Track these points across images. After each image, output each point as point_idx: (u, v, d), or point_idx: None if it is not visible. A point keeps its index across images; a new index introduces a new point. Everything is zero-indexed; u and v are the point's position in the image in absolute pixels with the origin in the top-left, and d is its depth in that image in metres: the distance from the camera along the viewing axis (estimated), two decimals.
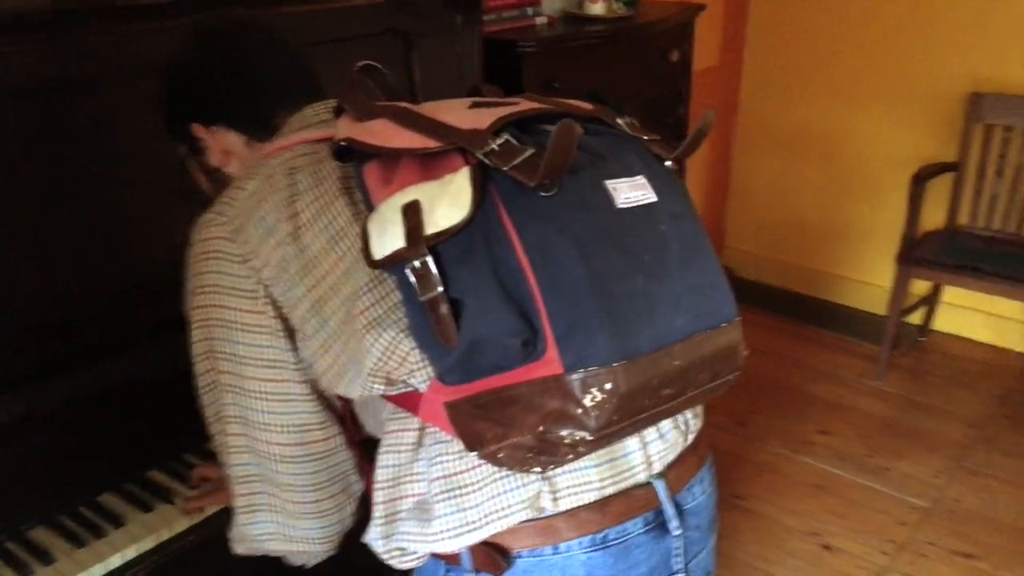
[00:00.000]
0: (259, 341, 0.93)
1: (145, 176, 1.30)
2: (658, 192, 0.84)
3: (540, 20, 2.34)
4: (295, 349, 0.93)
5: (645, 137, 0.91)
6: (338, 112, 0.95)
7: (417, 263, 0.78)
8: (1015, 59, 2.90)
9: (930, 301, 3.21)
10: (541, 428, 0.77)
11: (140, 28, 1.26)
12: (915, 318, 3.25)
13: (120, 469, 1.32)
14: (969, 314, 3.23)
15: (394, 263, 0.80)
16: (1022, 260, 2.72)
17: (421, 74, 1.71)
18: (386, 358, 0.85)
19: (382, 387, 0.88)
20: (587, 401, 0.75)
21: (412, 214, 0.79)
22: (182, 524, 1.24)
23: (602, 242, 0.78)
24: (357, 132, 0.87)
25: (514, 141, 0.80)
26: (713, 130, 0.91)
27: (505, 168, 0.78)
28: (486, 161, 0.79)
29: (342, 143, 0.87)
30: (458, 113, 0.86)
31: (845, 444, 2.69)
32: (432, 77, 1.72)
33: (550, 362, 0.76)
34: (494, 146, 0.79)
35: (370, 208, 0.86)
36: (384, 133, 0.86)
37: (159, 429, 1.33)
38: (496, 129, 0.82)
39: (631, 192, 0.82)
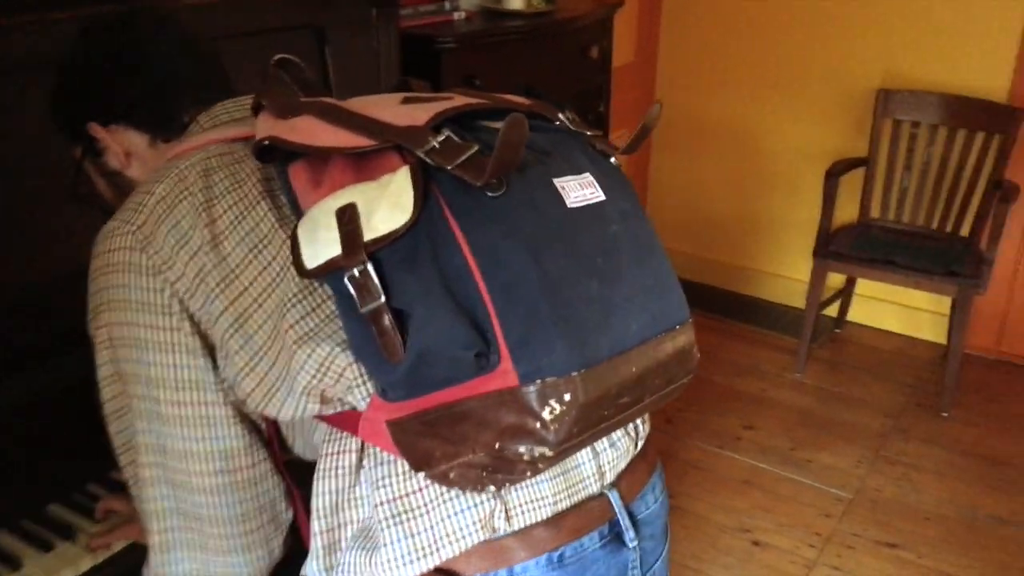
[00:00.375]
0: (175, 361, 0.84)
1: (40, 179, 1.19)
2: (606, 190, 0.81)
3: (458, 15, 2.29)
4: (216, 368, 0.85)
5: (589, 133, 0.87)
6: (256, 109, 0.87)
7: (356, 271, 0.72)
8: (921, 56, 2.99)
9: (845, 293, 3.29)
10: (497, 445, 0.72)
11: (30, 18, 1.15)
12: (832, 310, 3.32)
13: (15, 504, 1.20)
14: (882, 305, 3.32)
15: (329, 272, 0.73)
16: (931, 252, 2.80)
17: (336, 70, 1.64)
18: (321, 375, 0.78)
19: (316, 406, 0.82)
20: (546, 414, 0.70)
21: (348, 218, 0.72)
22: (86, 563, 1.14)
23: (554, 244, 0.74)
24: (280, 130, 0.80)
25: (456, 138, 0.75)
26: (638, 127, 0.88)
27: (449, 167, 0.72)
28: (427, 160, 0.73)
29: (264, 142, 0.79)
30: (390, 109, 0.80)
31: (769, 438, 2.72)
32: (347, 73, 1.65)
33: (504, 373, 0.70)
34: (435, 143, 0.74)
35: (297, 213, 0.80)
36: (310, 131, 0.79)
37: (58, 457, 1.22)
38: (434, 125, 0.76)
39: (580, 190, 0.78)
